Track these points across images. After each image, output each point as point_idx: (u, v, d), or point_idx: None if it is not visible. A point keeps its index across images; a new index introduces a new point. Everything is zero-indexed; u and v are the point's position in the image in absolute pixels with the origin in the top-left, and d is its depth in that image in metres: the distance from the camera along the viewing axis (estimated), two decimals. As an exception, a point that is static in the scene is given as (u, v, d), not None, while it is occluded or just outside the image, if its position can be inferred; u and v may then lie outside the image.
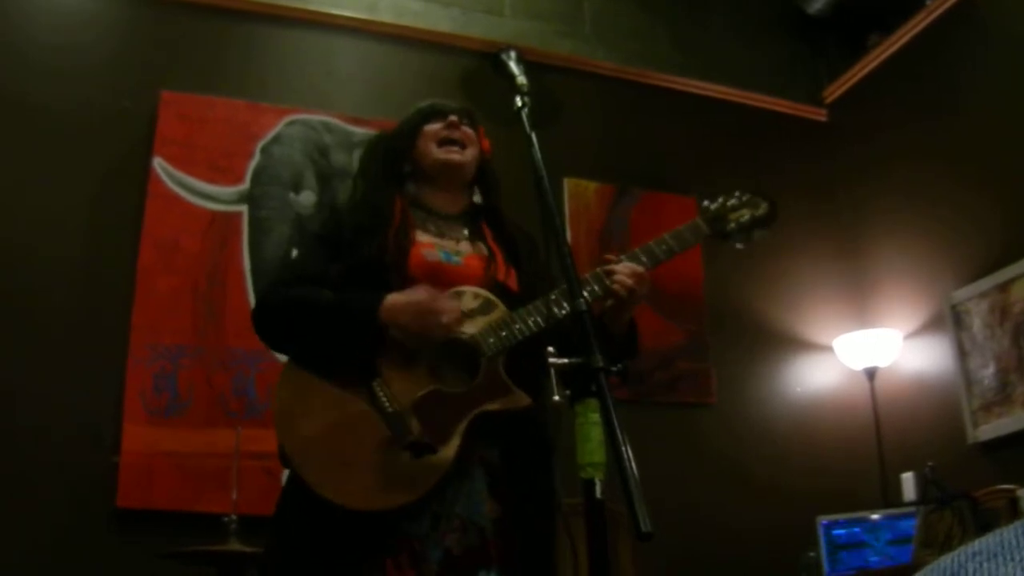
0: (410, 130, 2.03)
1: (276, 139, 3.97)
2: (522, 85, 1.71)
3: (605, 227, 4.43)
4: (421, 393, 1.74)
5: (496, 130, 2.16)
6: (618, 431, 1.27)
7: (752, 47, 5.13)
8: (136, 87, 3.85)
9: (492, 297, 1.83)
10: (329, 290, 1.82)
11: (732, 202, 2.04)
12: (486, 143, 2.09)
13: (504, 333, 1.77)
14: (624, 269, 1.85)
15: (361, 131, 4.06)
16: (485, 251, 1.95)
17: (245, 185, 3.88)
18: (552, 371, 1.41)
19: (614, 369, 1.35)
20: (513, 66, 1.74)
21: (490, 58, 1.78)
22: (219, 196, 3.82)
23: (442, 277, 1.83)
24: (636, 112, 4.75)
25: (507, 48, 1.78)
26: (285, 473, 1.83)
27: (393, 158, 2.04)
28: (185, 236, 3.72)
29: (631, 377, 1.44)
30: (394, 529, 1.69)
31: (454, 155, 1.99)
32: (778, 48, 5.21)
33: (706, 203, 2.03)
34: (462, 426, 1.72)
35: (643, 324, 2.00)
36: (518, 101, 1.68)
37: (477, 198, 2.11)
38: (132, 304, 3.55)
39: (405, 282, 1.81)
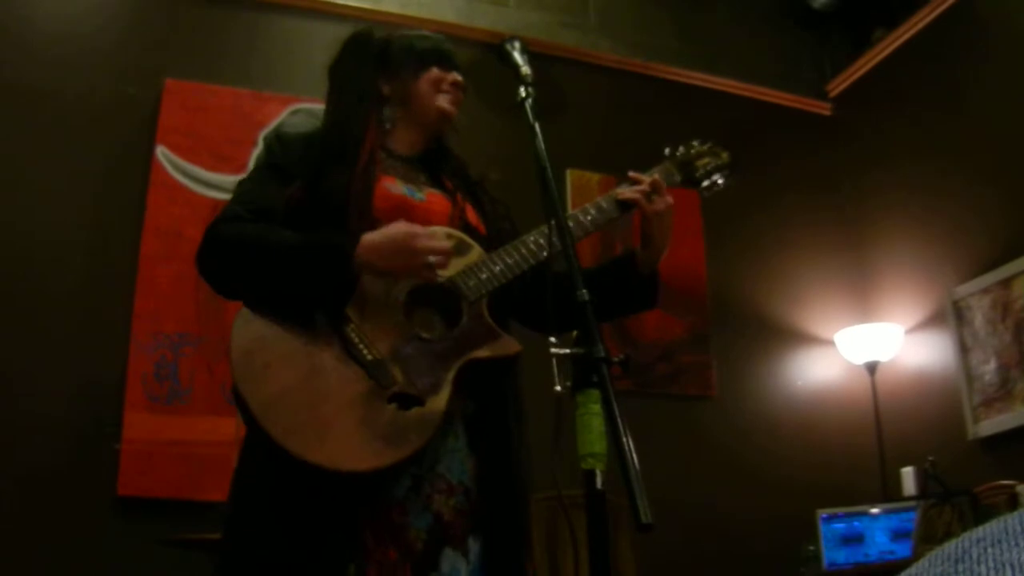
0: (414, 63, 1.88)
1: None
2: (526, 76, 1.70)
3: (608, 219, 4.42)
4: (401, 339, 1.59)
5: (500, 120, 2.16)
6: (619, 422, 1.27)
7: (757, 40, 5.12)
8: (140, 75, 3.84)
9: (466, 238, 1.73)
10: (283, 225, 1.65)
11: (695, 149, 2.01)
12: None
13: (484, 275, 1.68)
14: (635, 179, 1.83)
15: (364, 121, 4.05)
16: (446, 191, 1.85)
17: (248, 174, 3.88)
18: (553, 360, 1.41)
19: (616, 360, 1.35)
20: (517, 57, 1.72)
21: (495, 48, 1.77)
22: (222, 185, 3.82)
23: (407, 214, 1.69)
24: (640, 104, 4.75)
25: (512, 39, 1.77)
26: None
27: (381, 79, 1.88)
28: (188, 225, 3.71)
29: (632, 368, 1.42)
30: (371, 494, 1.53)
31: (454, 107, 1.89)
32: (783, 42, 5.20)
33: (669, 149, 1.99)
34: (450, 375, 1.58)
35: (645, 316, 2.01)
36: (522, 92, 1.67)
37: None
38: (134, 292, 3.56)
39: (364, 219, 1.66)
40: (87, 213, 3.63)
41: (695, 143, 2.01)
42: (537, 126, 1.62)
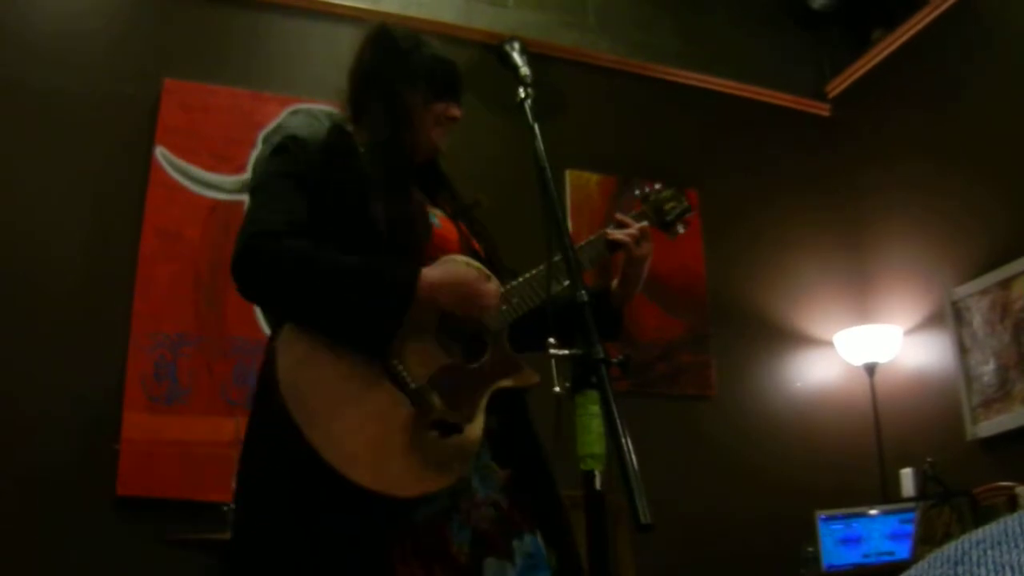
0: (428, 89, 1.84)
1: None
2: (525, 76, 1.70)
3: (607, 219, 4.41)
4: (437, 367, 1.64)
5: (498, 121, 2.16)
6: (618, 423, 1.27)
7: (756, 40, 5.12)
8: (139, 75, 3.84)
9: (484, 268, 1.76)
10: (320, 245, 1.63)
11: (664, 194, 2.06)
12: None
13: (504, 308, 1.73)
14: (622, 222, 1.91)
15: (363, 121, 4.05)
16: (447, 213, 1.87)
17: (247, 174, 3.87)
18: (552, 362, 1.41)
19: (615, 361, 1.35)
20: (516, 57, 1.72)
21: (494, 49, 1.77)
22: (221, 185, 3.82)
23: (431, 240, 1.74)
24: (639, 104, 4.75)
25: (511, 39, 1.77)
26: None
27: (408, 103, 1.84)
28: (187, 225, 3.72)
29: (631, 368, 1.43)
30: (401, 516, 1.56)
31: (444, 143, 1.89)
32: (782, 42, 5.21)
33: (638, 192, 2.05)
34: (482, 403, 1.66)
35: (645, 316, 2.04)
36: (521, 92, 1.67)
37: None
38: (133, 292, 3.55)
39: (415, 252, 1.68)
40: (86, 213, 3.62)
41: (657, 186, 2.07)
42: (536, 127, 1.62)
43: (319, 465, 1.48)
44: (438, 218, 1.82)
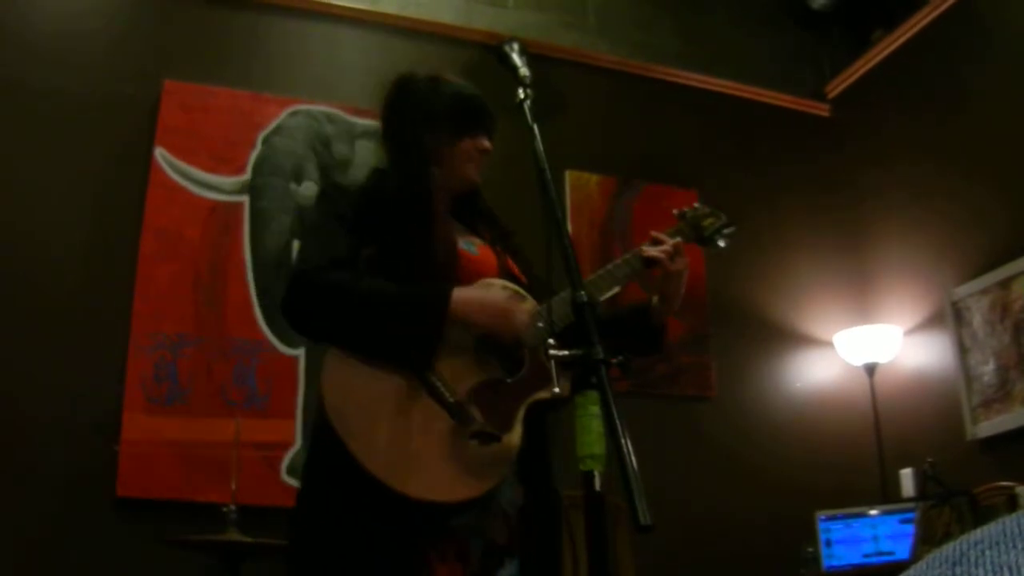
0: (453, 126, 1.94)
1: (278, 129, 3.97)
2: (525, 77, 1.70)
3: (607, 219, 4.43)
4: (476, 382, 1.74)
5: (499, 122, 2.16)
6: (618, 423, 1.27)
7: (756, 41, 5.12)
8: (139, 75, 3.84)
9: (520, 290, 1.86)
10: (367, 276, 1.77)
11: (700, 211, 2.13)
12: None
13: (541, 324, 1.79)
14: (657, 239, 1.95)
15: (363, 122, 4.05)
16: (487, 242, 1.97)
17: (247, 175, 3.88)
18: (552, 362, 1.42)
19: (615, 361, 1.36)
20: (516, 58, 1.73)
21: (493, 50, 1.78)
22: (221, 186, 3.82)
23: (467, 268, 1.84)
24: (638, 105, 4.75)
25: (510, 40, 1.78)
26: (284, 462, 1.81)
27: (431, 144, 1.93)
28: (186, 226, 3.72)
29: (632, 369, 1.45)
30: (439, 520, 1.67)
31: (478, 175, 1.98)
32: (782, 42, 5.21)
33: (677, 211, 2.10)
34: (520, 413, 1.75)
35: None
36: (521, 93, 1.68)
37: None
38: (133, 293, 3.56)
39: (449, 278, 1.79)
40: (86, 213, 3.62)
41: (697, 205, 2.14)
42: (536, 128, 1.62)
43: (363, 474, 1.62)
44: (476, 246, 1.92)
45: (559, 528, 1.83)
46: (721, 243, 2.11)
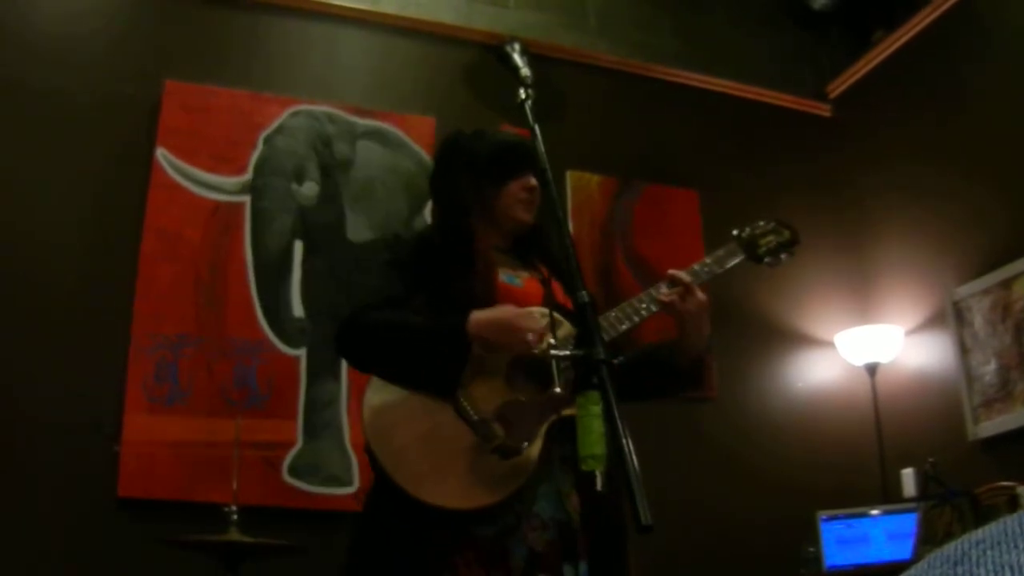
0: (497, 175, 2.09)
1: (279, 130, 3.96)
2: (526, 77, 1.71)
3: (608, 220, 4.43)
4: (502, 401, 1.87)
5: (500, 123, 2.16)
6: (619, 424, 1.27)
7: (756, 41, 5.12)
8: (139, 76, 3.84)
9: (557, 315, 1.92)
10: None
11: (759, 229, 2.23)
12: None
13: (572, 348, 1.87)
14: (674, 279, 2.08)
15: (364, 122, 4.06)
16: (539, 275, 2.08)
17: (248, 175, 3.88)
18: (553, 363, 1.43)
19: (615, 361, 1.36)
20: (517, 58, 1.74)
21: (494, 50, 1.78)
22: (222, 186, 3.82)
23: (511, 300, 1.96)
24: (639, 105, 4.75)
25: (511, 40, 1.78)
26: (285, 462, 1.88)
27: (471, 186, 2.11)
28: (187, 226, 3.71)
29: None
30: (464, 530, 1.82)
31: (529, 214, 2.11)
32: (782, 42, 5.20)
33: (736, 231, 2.19)
34: (543, 429, 1.86)
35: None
36: (521, 93, 1.68)
37: None
38: (134, 293, 3.55)
39: (478, 305, 1.94)
40: (87, 214, 3.62)
41: (760, 223, 2.24)
42: (537, 128, 1.63)
43: (394, 485, 1.83)
44: (521, 279, 2.08)
45: (624, 534, 1.92)
46: (783, 258, 2.17)
